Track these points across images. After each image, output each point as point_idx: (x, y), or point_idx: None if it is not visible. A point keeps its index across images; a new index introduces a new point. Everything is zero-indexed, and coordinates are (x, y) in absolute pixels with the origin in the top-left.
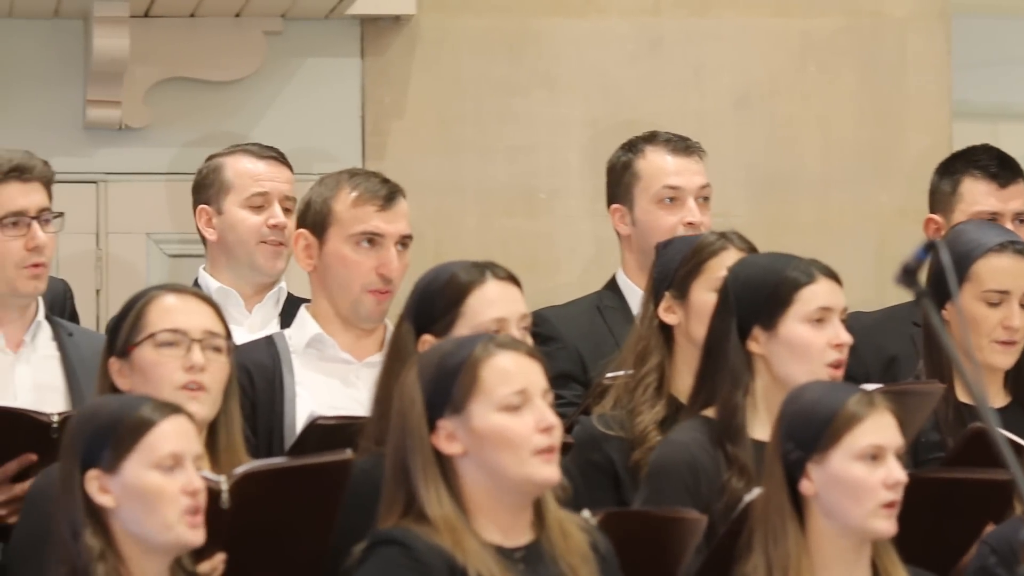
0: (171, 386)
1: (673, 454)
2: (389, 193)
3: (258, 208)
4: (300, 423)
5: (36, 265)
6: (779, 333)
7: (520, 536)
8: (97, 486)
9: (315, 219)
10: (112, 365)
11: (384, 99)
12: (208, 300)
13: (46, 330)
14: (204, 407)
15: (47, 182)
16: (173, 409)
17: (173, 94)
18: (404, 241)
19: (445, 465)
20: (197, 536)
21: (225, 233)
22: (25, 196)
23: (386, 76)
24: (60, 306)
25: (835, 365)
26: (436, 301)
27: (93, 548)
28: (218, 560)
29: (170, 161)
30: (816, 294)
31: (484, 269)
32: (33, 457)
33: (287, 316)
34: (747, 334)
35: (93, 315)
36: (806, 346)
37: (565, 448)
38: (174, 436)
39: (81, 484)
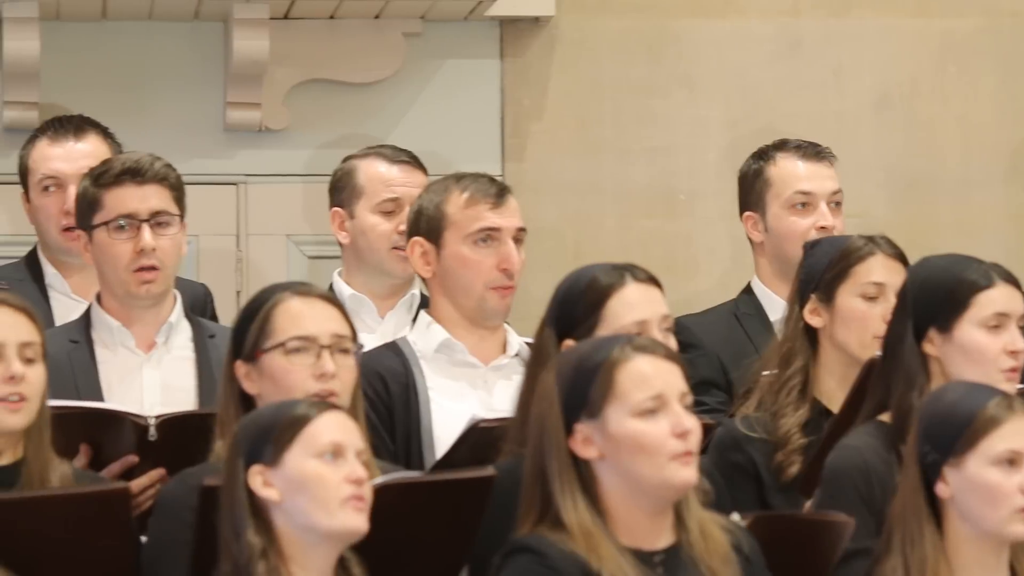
0: (302, 394)
1: (847, 459)
2: (499, 190)
3: (389, 214)
4: (436, 428)
5: (145, 268)
6: (954, 336)
7: (660, 539)
8: (261, 480)
9: (429, 225)
10: (239, 369)
11: (523, 101)
12: (333, 300)
13: (184, 331)
14: None
15: (169, 184)
16: (329, 406)
17: (312, 96)
18: (519, 235)
19: (582, 469)
20: (363, 522)
21: (356, 237)
22: (138, 198)
23: (525, 78)
24: (200, 309)
25: (1010, 372)
26: (577, 305)
27: (255, 546)
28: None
29: (309, 163)
30: (993, 299)
31: (624, 271)
32: (135, 459)
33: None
34: (923, 336)
35: (233, 317)
36: (980, 351)
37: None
38: (334, 427)
39: (244, 482)
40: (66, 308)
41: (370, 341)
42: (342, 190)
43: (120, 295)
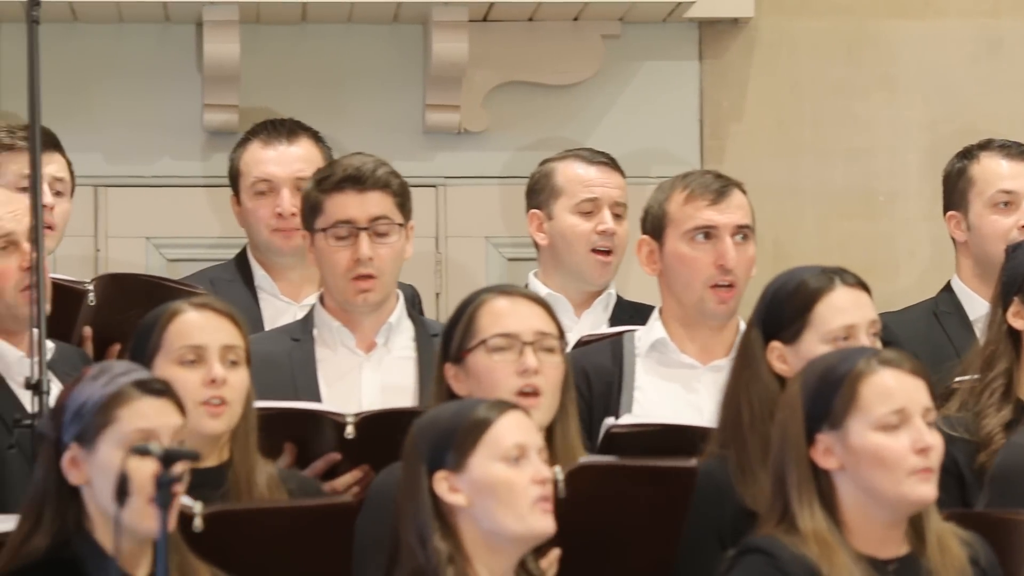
0: (506, 391)
1: (1015, 457)
2: (721, 187)
3: (588, 214)
4: (607, 422)
5: (363, 277)
6: None
7: (895, 548)
8: (447, 486)
9: (653, 224)
10: (448, 370)
11: (722, 102)
12: (539, 300)
13: (406, 331)
14: (539, 411)
15: (391, 191)
16: (510, 406)
17: (511, 98)
18: (743, 232)
19: (821, 478)
20: (549, 524)
21: (555, 238)
22: (357, 206)
23: (724, 79)
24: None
25: None
26: (785, 308)
27: (442, 551)
28: (553, 556)
29: (508, 165)
30: None
31: (833, 275)
32: (337, 456)
33: (616, 322)
34: None
35: (433, 318)
36: None
37: None
38: (516, 428)
39: (429, 487)
40: (275, 309)
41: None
42: (540, 192)
43: (340, 301)
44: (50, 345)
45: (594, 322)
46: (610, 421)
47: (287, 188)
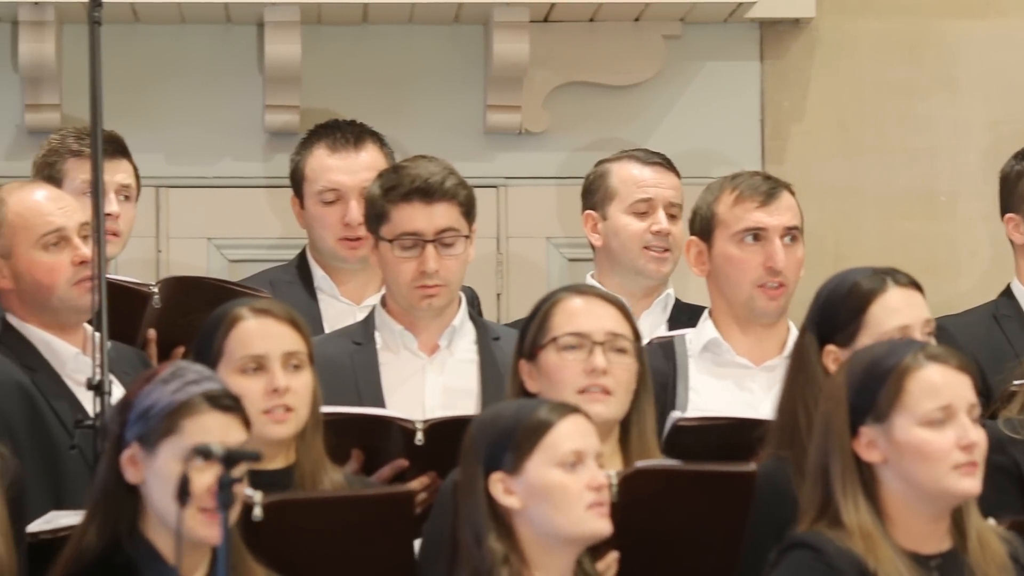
0: (572, 389)
1: None
2: (770, 188)
3: (642, 215)
4: (673, 415)
5: (427, 287)
6: None
7: (937, 543)
8: (502, 488)
9: (702, 224)
10: (522, 367)
11: (783, 103)
12: (615, 301)
13: (468, 333)
14: (608, 408)
15: (458, 202)
16: (571, 409)
17: (572, 98)
18: (792, 234)
19: (865, 471)
20: (604, 525)
21: (610, 239)
22: (425, 218)
23: (785, 79)
24: None
25: None
26: (839, 311)
27: (497, 552)
28: (612, 558)
29: (569, 165)
30: None
31: (886, 276)
32: (405, 463)
33: (675, 323)
34: None
35: (494, 318)
36: None
37: None
38: (574, 434)
39: (485, 488)
40: (335, 311)
41: None
42: (595, 193)
43: (403, 306)
44: (106, 344)
45: (653, 323)
46: (676, 415)
47: (355, 198)
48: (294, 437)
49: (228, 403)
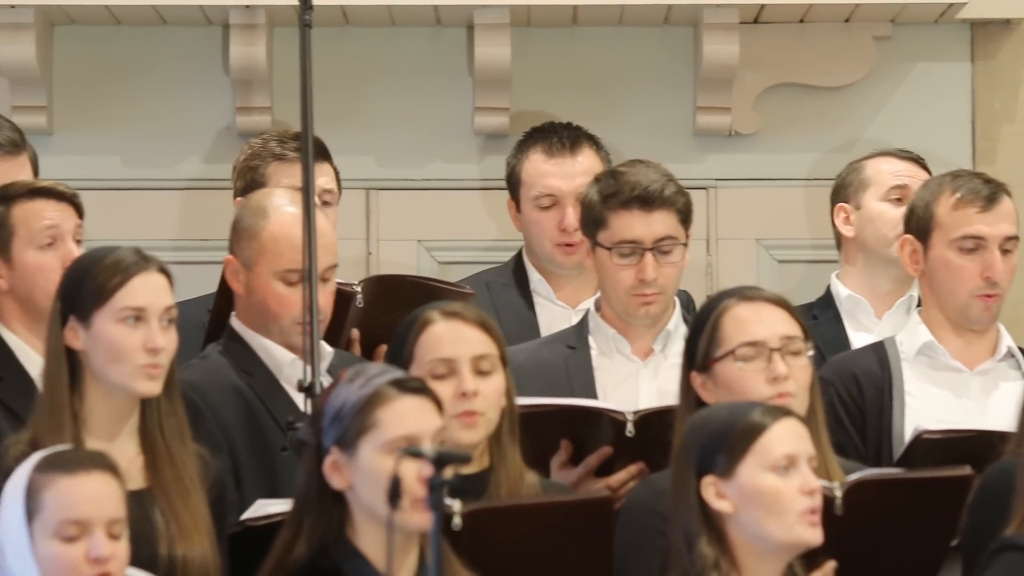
0: (758, 399)
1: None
2: (991, 193)
3: (897, 200)
4: (908, 433)
5: (645, 295)
6: None
7: None
8: (714, 492)
9: (919, 224)
10: (695, 379)
11: (994, 103)
12: (780, 301)
13: (683, 337)
14: (793, 410)
15: (676, 209)
16: (784, 412)
17: (782, 100)
18: (1010, 243)
19: None
20: (816, 535)
21: (864, 227)
22: (644, 226)
23: (997, 80)
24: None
25: None
26: None
27: (708, 556)
28: (829, 568)
29: (779, 167)
30: None
31: None
32: (610, 450)
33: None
34: None
35: None
36: None
37: None
38: (787, 437)
39: (697, 491)
40: (551, 314)
41: (867, 341)
42: (848, 186)
43: (620, 312)
44: (328, 350)
45: (896, 324)
46: (920, 427)
47: (571, 204)
48: (486, 442)
49: (416, 385)
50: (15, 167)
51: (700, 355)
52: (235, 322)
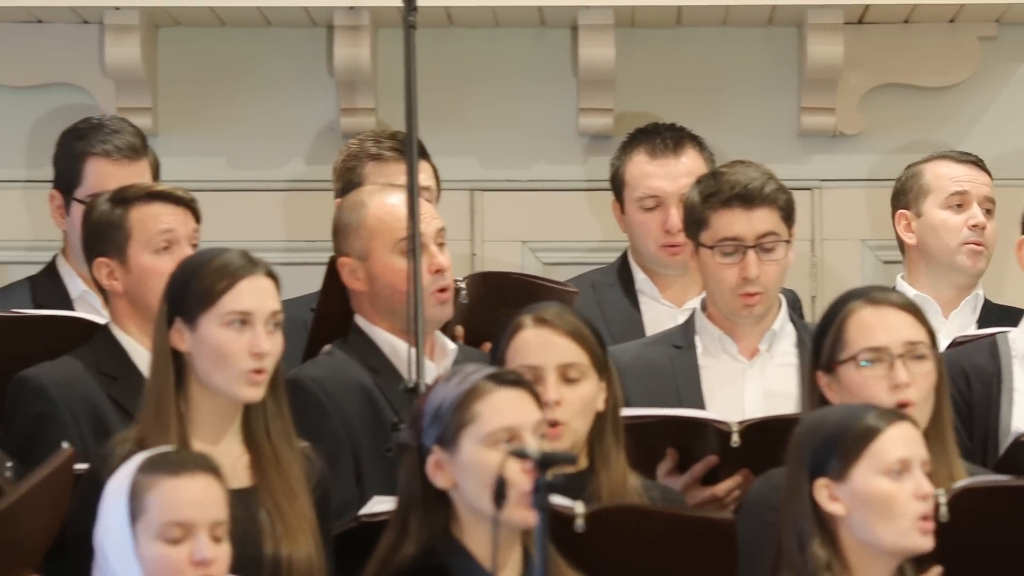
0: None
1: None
2: None
3: (958, 207)
4: (1016, 430)
5: (748, 295)
6: None
7: None
8: (827, 494)
9: None
10: (820, 379)
11: None
12: (907, 305)
13: (789, 336)
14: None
15: (778, 207)
16: (898, 416)
17: (886, 100)
18: None
19: None
20: (928, 542)
21: (925, 235)
22: (745, 224)
23: None
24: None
25: None
26: None
27: (820, 558)
28: (935, 573)
29: (883, 167)
30: None
31: None
32: (715, 459)
33: (984, 323)
34: None
35: (810, 321)
36: None
37: None
38: (901, 441)
39: (809, 493)
40: (656, 313)
41: None
42: (907, 192)
43: (724, 312)
44: (451, 347)
45: (962, 323)
46: (1018, 430)
47: (675, 205)
48: (583, 444)
49: (513, 378)
50: (134, 172)
51: (825, 356)
52: (359, 320)
